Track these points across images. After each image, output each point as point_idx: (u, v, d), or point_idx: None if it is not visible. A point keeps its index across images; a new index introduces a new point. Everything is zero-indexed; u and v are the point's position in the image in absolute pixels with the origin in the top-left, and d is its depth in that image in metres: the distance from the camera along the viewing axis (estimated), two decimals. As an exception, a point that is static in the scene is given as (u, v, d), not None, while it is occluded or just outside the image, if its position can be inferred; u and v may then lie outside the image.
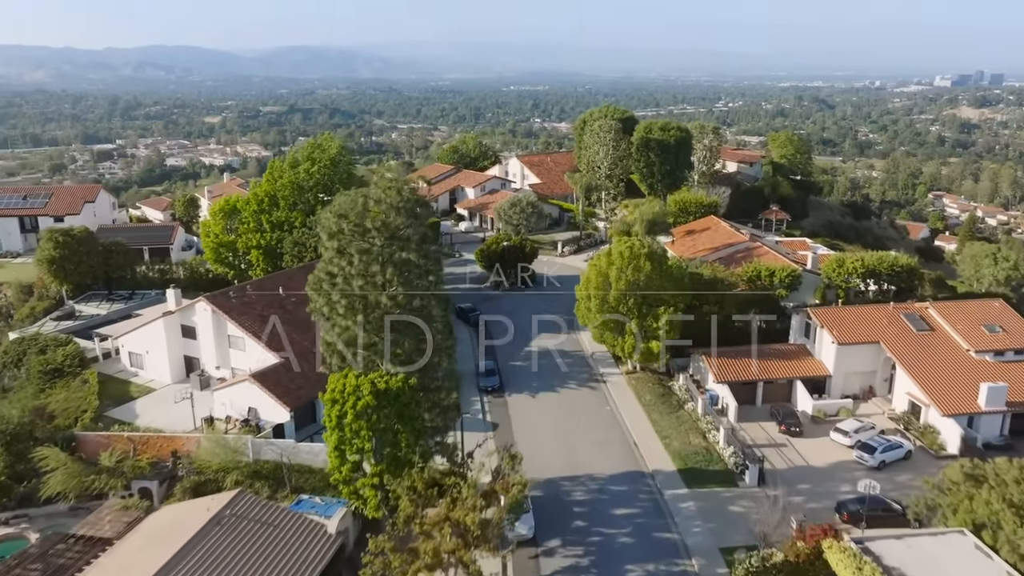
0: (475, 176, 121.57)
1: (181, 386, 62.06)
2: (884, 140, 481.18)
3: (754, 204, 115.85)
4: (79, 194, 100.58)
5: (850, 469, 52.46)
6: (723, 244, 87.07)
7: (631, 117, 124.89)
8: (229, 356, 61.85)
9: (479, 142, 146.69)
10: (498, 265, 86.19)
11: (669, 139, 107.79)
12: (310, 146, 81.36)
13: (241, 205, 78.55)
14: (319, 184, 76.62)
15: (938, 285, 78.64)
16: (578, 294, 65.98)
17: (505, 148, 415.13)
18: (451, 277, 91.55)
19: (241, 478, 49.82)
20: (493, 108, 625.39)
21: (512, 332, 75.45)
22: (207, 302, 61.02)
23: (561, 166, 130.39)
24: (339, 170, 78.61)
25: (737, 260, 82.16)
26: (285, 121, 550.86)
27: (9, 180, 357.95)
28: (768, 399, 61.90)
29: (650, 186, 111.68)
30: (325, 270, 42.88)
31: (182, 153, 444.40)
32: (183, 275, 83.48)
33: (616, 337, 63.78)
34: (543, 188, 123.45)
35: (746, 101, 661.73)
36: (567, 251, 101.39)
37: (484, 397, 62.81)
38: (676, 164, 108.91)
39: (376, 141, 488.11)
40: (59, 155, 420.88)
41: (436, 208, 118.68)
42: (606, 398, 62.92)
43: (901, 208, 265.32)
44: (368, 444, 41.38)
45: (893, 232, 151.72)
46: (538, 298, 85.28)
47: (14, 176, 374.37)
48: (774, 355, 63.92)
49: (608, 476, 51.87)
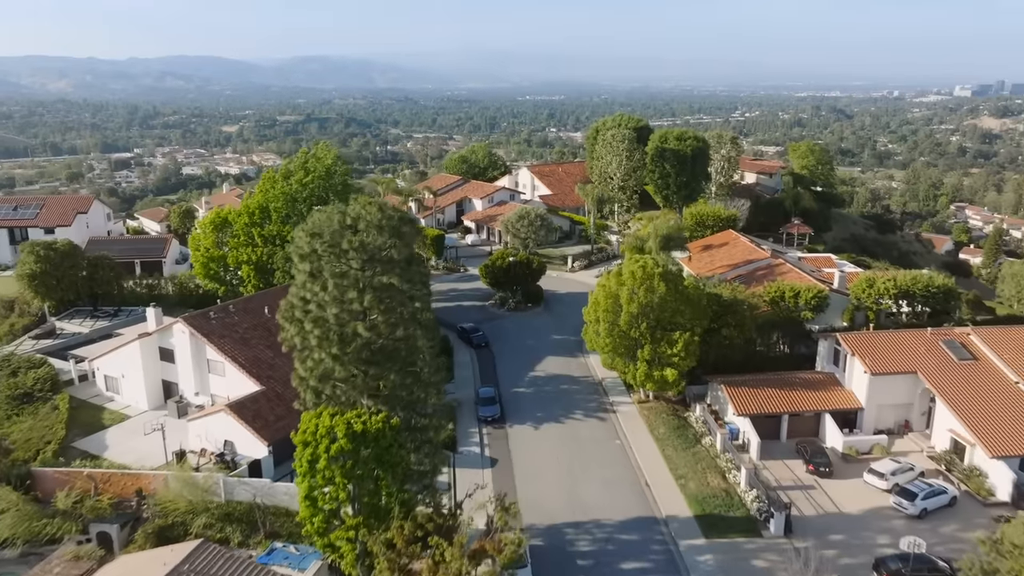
0: (483, 187, 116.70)
1: (158, 413, 57.34)
2: (904, 150, 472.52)
3: (774, 217, 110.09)
4: (71, 205, 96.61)
5: (888, 517, 46.73)
6: (743, 260, 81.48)
7: (645, 126, 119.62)
8: (208, 382, 57.04)
9: (488, 151, 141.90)
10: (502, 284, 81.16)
11: (685, 149, 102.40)
12: (303, 155, 76.68)
13: (232, 218, 73.98)
14: (313, 195, 71.89)
15: (976, 307, 72.75)
16: (586, 317, 60.64)
17: (520, 158, 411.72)
18: (454, 294, 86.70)
19: (211, 521, 44.89)
20: (508, 118, 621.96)
21: (517, 355, 70.36)
22: (184, 324, 56.26)
23: (573, 177, 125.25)
24: (334, 181, 73.83)
25: (758, 278, 76.58)
26: (302, 130, 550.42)
27: (28, 188, 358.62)
28: (794, 433, 56.22)
29: (665, 198, 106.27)
30: (297, 295, 37.91)
31: (198, 162, 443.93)
32: (172, 291, 79.07)
33: (627, 364, 58.41)
34: (554, 200, 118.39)
35: (763, 111, 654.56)
36: (578, 266, 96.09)
37: (483, 428, 57.51)
38: (693, 175, 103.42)
39: (391, 150, 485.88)
40: (77, 164, 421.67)
41: (443, 220, 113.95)
42: (616, 430, 57.48)
43: (923, 220, 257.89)
44: (343, 493, 36.32)
45: (919, 246, 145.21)
46: (546, 317, 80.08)
47: (33, 184, 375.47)
48: (800, 385, 58.25)
49: (617, 523, 46.41)
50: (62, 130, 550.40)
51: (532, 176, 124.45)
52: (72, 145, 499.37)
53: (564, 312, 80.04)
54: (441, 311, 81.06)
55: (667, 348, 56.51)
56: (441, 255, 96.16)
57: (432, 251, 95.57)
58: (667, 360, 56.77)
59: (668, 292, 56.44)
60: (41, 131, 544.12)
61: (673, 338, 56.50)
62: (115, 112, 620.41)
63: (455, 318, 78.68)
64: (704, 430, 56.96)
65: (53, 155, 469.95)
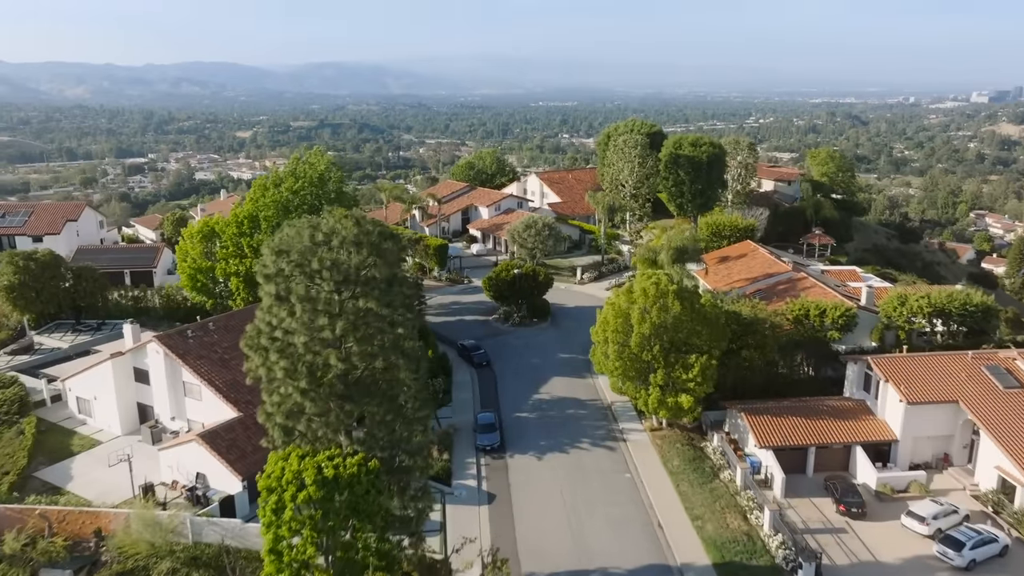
0: (490, 194, 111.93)
1: (132, 439, 52.93)
2: (920, 157, 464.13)
3: (794, 227, 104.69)
4: (61, 213, 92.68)
5: (931, 568, 41.43)
6: (762, 274, 76.28)
7: (659, 132, 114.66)
8: (184, 406, 52.51)
9: (497, 157, 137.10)
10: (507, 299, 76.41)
11: (700, 156, 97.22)
12: (294, 161, 72.17)
13: (220, 227, 69.62)
14: (305, 204, 67.38)
15: (1015, 326, 67.20)
16: (594, 337, 55.72)
17: (532, 164, 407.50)
18: (456, 307, 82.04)
19: (176, 566, 40.34)
20: (521, 124, 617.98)
21: (520, 375, 65.49)
22: (158, 343, 51.78)
23: (583, 183, 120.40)
24: (328, 188, 69.25)
25: (779, 293, 71.39)
26: (315, 136, 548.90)
27: (42, 193, 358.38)
28: (822, 467, 50.98)
29: (679, 206, 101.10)
30: (263, 321, 33.23)
31: (212, 167, 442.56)
32: (158, 303, 74.81)
33: (638, 389, 53.42)
34: (563, 207, 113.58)
35: (777, 117, 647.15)
36: (587, 278, 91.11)
37: (481, 458, 52.64)
38: (708, 183, 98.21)
39: (404, 156, 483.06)
40: (92, 169, 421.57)
41: (447, 229, 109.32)
42: (625, 462, 52.42)
43: (942, 228, 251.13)
44: (311, 548, 31.61)
45: (942, 256, 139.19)
46: (552, 333, 75.15)
47: (47, 189, 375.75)
48: (827, 413, 53.02)
49: (626, 572, 41.41)
50: (78, 135, 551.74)
51: (541, 183, 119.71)
52: (88, 150, 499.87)
53: (572, 327, 75.11)
54: (442, 326, 76.45)
55: (682, 373, 51.48)
56: (444, 266, 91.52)
57: (435, 261, 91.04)
58: (682, 385, 51.73)
59: (684, 311, 51.44)
60: (58, 136, 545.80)
61: (689, 362, 51.49)
62: (131, 118, 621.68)
63: (456, 334, 73.98)
64: (723, 463, 51.85)
65: (69, 160, 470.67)
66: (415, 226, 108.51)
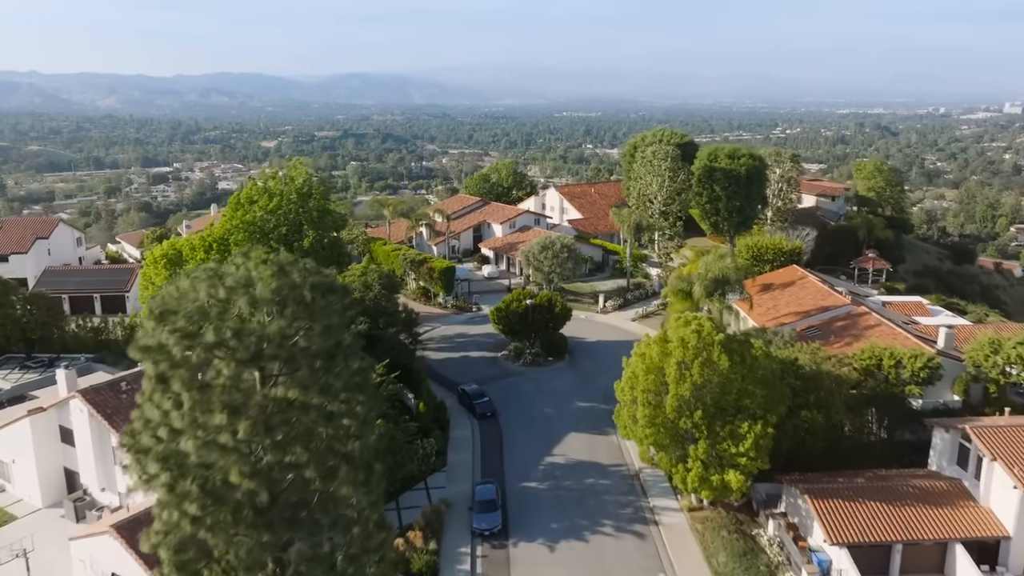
0: (504, 210, 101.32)
1: (54, 513, 42.99)
2: (954, 169, 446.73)
3: (842, 248, 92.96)
4: (31, 228, 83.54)
5: None
6: (815, 307, 64.90)
7: (690, 142, 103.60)
8: (115, 476, 42.43)
9: (514, 169, 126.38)
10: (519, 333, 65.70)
11: (739, 168, 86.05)
12: (265, 176, 61.90)
13: (187, 252, 59.76)
14: (283, 226, 57.29)
15: None
16: (619, 394, 44.85)
17: (555, 174, 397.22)
18: (462, 340, 71.51)
19: None
20: (545, 134, 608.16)
21: (531, 429, 54.72)
22: (82, 400, 41.74)
23: (607, 198, 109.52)
24: (310, 206, 58.99)
25: (836, 331, 60.05)
26: (338, 146, 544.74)
27: (66, 202, 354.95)
28: (910, 568, 39.61)
29: (714, 225, 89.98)
30: (140, 417, 22.88)
31: (235, 176, 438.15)
32: (121, 335, 65.07)
33: (674, 461, 42.45)
34: (585, 224, 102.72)
35: (804, 128, 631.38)
36: (610, 306, 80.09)
37: (478, 547, 41.89)
38: (747, 199, 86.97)
39: (426, 166, 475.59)
40: (117, 178, 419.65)
41: (458, 248, 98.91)
42: (659, 555, 41.34)
43: (984, 243, 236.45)
44: None
45: (999, 277, 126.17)
46: (570, 375, 64.28)
47: (71, 198, 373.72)
48: (914, 497, 41.54)
49: None
50: (106, 145, 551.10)
51: (561, 197, 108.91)
52: (115, 159, 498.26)
53: (593, 368, 64.32)
54: (443, 364, 65.99)
55: (730, 445, 40.43)
56: (450, 291, 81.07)
57: (440, 286, 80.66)
58: (730, 460, 40.68)
59: (733, 369, 40.43)
60: (87, 146, 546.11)
61: (739, 430, 40.43)
62: (159, 127, 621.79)
63: (458, 373, 63.47)
64: (781, 558, 40.66)
65: (96, 169, 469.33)
66: (422, 246, 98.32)
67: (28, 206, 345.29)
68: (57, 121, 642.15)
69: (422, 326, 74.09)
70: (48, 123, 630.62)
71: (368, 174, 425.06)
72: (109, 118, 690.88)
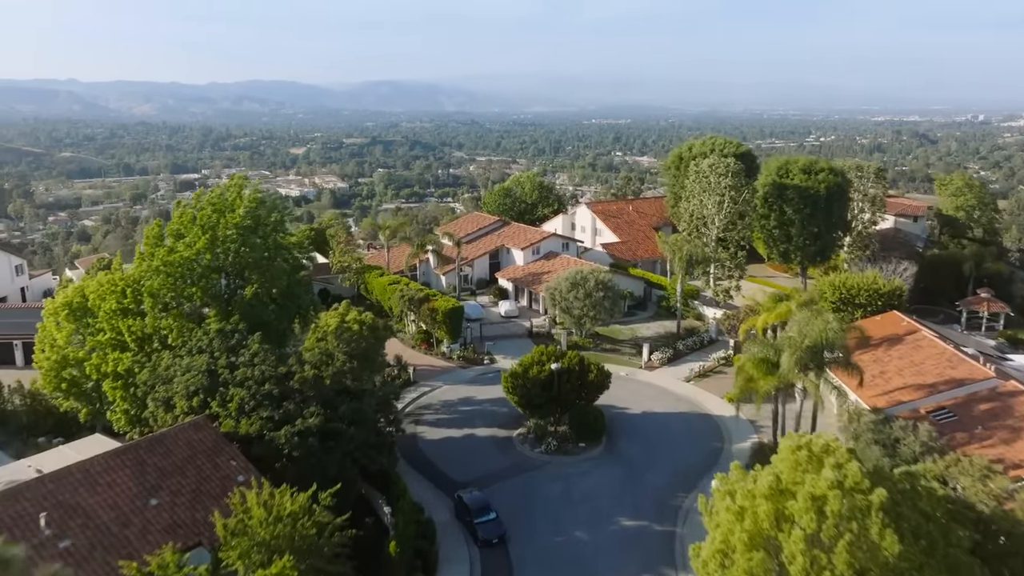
0: (527, 233, 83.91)
1: None
2: (999, 177, 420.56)
3: (942, 283, 74.39)
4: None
5: None
6: (943, 380, 46.81)
7: (748, 152, 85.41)
8: None
9: (539, 182, 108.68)
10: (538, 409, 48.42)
11: (816, 187, 68.10)
12: (197, 199, 44.97)
13: (94, 301, 43.47)
14: (222, 267, 40.78)
15: None
16: (698, 567, 27.45)
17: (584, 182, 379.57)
18: (467, 408, 54.47)
19: None
20: (573, 141, 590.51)
21: (554, 569, 37.40)
22: None
23: (647, 217, 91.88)
24: (255, 242, 42.14)
25: (980, 418, 42.09)
26: (366, 153, 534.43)
27: (92, 208, 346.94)
28: None
29: (782, 255, 72.05)
30: None
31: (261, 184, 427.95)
32: (19, 404, 48.98)
33: None
34: (623, 249, 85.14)
35: (839, 135, 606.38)
36: (657, 360, 62.38)
37: None
38: (827, 224, 69.00)
39: (453, 173, 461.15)
40: (144, 184, 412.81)
41: (471, 278, 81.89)
42: None
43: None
44: None
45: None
46: (610, 471, 46.48)
47: (98, 205, 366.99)
48: None
49: None
50: (138, 151, 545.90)
51: (593, 216, 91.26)
52: (145, 166, 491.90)
53: (641, 458, 46.91)
54: (439, 448, 48.88)
55: None
56: (457, 337, 64.03)
57: (445, 331, 63.68)
58: None
59: (908, 551, 22.87)
60: (119, 152, 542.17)
61: (915, 661, 22.82)
62: (190, 134, 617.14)
63: (457, 465, 46.27)
64: None
65: (125, 176, 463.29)
66: (429, 274, 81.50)
67: (54, 212, 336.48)
68: (92, 128, 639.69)
69: (418, 385, 57.31)
70: (83, 130, 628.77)
71: (395, 181, 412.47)
72: (143, 125, 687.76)
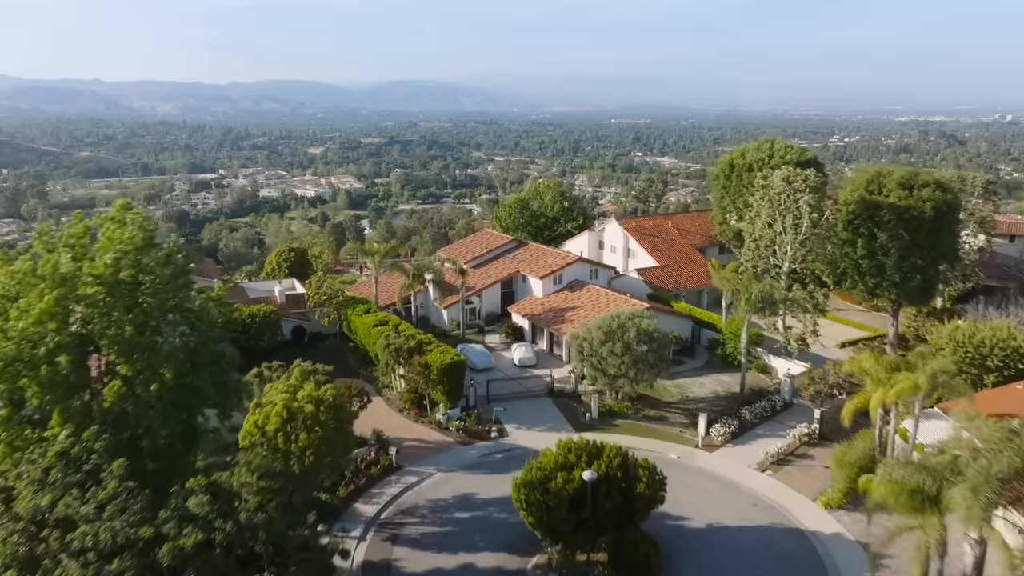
0: (547, 257, 68.37)
1: None
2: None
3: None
4: None
5: None
6: None
7: (813, 160, 69.21)
8: None
9: (561, 192, 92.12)
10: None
11: (920, 206, 51.94)
12: (44, 237, 29.55)
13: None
14: (69, 349, 25.96)
15: None
16: None
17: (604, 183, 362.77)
18: (464, 517, 38.99)
19: None
20: (593, 141, 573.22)
21: None
22: None
23: (690, 235, 76.03)
24: (132, 302, 27.18)
25: None
26: (384, 152, 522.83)
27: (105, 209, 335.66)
28: None
29: (871, 290, 55.92)
30: None
31: (277, 184, 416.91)
32: None
33: None
34: (662, 276, 69.34)
35: (863, 136, 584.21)
36: (719, 435, 46.64)
37: None
38: (934, 253, 52.94)
39: (471, 174, 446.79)
40: (161, 184, 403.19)
41: (479, 311, 66.51)
42: None
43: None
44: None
45: None
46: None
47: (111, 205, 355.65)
48: None
49: None
50: (157, 151, 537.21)
51: (626, 235, 75.38)
52: (163, 165, 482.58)
53: None
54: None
55: None
56: (457, 399, 48.72)
57: (441, 392, 48.37)
58: None
59: None
60: (138, 151, 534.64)
61: None
62: (209, 134, 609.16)
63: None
64: None
65: (143, 175, 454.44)
66: (429, 307, 66.29)
67: (68, 213, 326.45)
68: (113, 127, 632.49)
69: (402, 472, 42.11)
70: (104, 129, 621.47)
71: (411, 182, 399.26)
72: (163, 124, 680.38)
